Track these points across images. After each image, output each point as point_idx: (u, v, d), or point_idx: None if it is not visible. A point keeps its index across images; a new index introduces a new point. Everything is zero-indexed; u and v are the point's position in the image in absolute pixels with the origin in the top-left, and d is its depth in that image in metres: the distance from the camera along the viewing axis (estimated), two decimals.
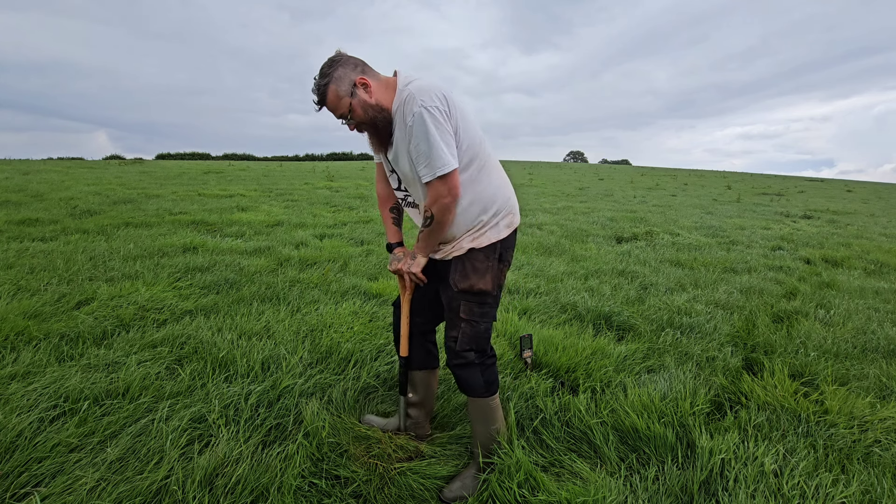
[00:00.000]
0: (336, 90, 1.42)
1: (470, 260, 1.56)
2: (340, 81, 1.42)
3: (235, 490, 1.51)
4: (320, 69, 1.44)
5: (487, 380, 1.64)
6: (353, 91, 1.43)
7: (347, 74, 1.43)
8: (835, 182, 41.31)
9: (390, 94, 1.47)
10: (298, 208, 8.40)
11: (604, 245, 6.19)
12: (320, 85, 1.42)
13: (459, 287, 1.57)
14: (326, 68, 1.43)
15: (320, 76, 1.43)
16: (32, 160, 22.59)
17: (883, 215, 12.76)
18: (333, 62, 1.43)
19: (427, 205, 1.48)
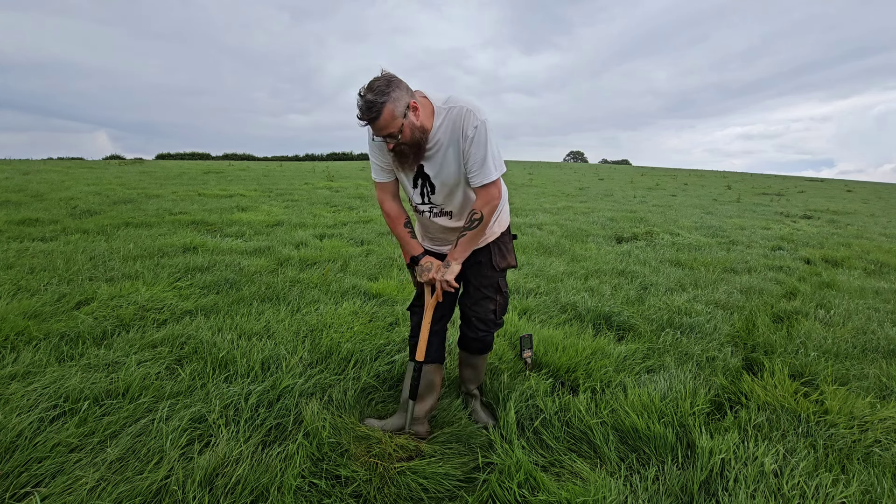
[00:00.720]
0: (393, 110, 1.47)
1: (503, 242, 1.88)
2: (398, 102, 1.48)
3: (235, 490, 1.51)
4: (374, 87, 1.47)
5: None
6: (405, 113, 1.50)
7: (403, 97, 1.49)
8: (835, 182, 41.32)
9: (429, 115, 1.58)
10: (298, 208, 8.40)
11: (604, 245, 6.19)
12: (377, 102, 1.45)
13: (500, 266, 1.86)
14: (384, 87, 1.46)
15: (376, 93, 1.45)
16: (32, 160, 22.59)
17: (883, 215, 12.76)
18: (390, 82, 1.48)
19: (477, 207, 1.66)
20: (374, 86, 1.47)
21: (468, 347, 2.00)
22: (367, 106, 1.46)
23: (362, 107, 1.47)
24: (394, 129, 1.50)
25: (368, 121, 1.49)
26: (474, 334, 1.93)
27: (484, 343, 1.97)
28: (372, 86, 1.47)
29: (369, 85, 1.48)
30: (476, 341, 1.95)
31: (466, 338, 1.98)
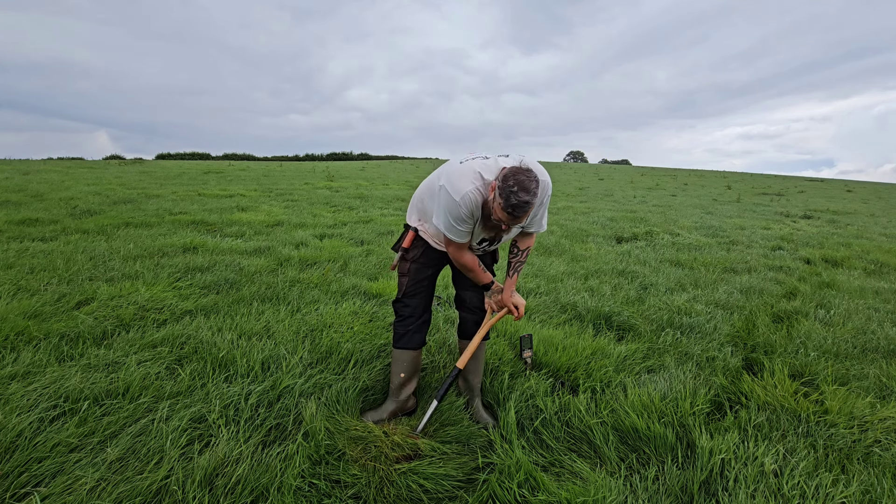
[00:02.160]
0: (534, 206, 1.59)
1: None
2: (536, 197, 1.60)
3: (235, 490, 1.51)
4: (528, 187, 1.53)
5: None
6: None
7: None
8: (835, 182, 41.31)
9: None
10: (298, 208, 8.39)
11: (604, 245, 6.19)
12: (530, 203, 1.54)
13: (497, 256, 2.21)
14: (536, 189, 1.56)
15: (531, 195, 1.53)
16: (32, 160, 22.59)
17: (883, 215, 12.76)
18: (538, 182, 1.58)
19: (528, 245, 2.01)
20: (530, 188, 1.53)
21: (470, 334, 2.13)
22: (522, 207, 1.53)
23: (517, 205, 1.52)
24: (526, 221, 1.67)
25: (515, 217, 1.56)
26: (476, 316, 2.11)
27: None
28: (527, 186, 1.52)
29: (522, 183, 1.52)
30: (477, 325, 2.11)
31: (468, 323, 2.13)
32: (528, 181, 1.53)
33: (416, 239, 2.02)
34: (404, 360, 2.03)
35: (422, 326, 2.06)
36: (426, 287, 2.04)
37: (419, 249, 2.01)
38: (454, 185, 1.66)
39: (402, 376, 2.02)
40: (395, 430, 1.85)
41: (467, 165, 1.70)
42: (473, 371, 2.13)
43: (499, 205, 1.56)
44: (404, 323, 2.03)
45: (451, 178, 1.69)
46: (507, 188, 1.52)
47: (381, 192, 11.87)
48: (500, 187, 1.55)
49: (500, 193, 1.54)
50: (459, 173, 1.68)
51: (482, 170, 1.67)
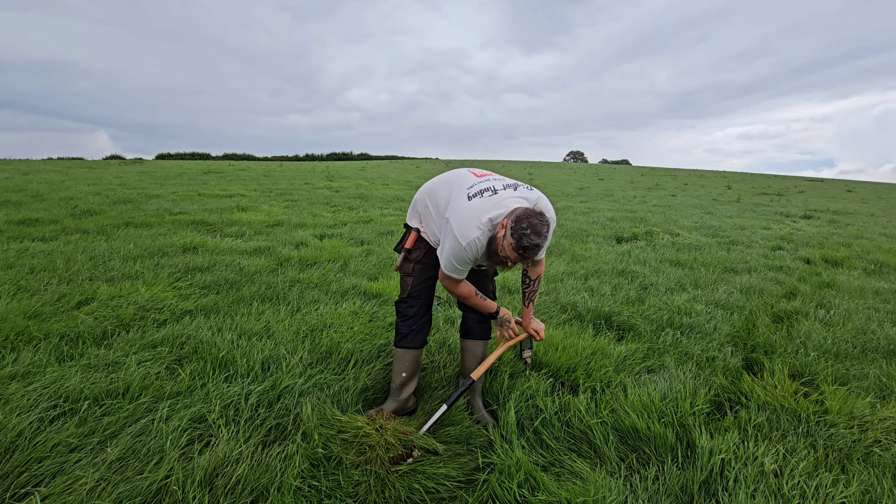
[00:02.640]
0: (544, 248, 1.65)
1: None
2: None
3: (235, 490, 1.51)
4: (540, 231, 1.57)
5: None
6: None
7: None
8: (835, 182, 41.31)
9: None
10: (298, 208, 8.40)
11: (604, 245, 6.19)
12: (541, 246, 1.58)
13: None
14: (547, 232, 1.60)
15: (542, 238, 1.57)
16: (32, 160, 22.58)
17: (883, 215, 12.76)
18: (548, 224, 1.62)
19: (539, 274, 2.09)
20: (542, 231, 1.58)
21: (473, 333, 2.15)
22: (534, 249, 1.57)
23: (530, 248, 1.57)
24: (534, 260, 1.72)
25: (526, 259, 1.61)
26: (479, 315, 2.12)
27: (487, 324, 2.17)
28: (539, 230, 1.57)
29: (534, 226, 1.56)
30: (481, 323, 2.14)
31: (472, 322, 2.15)
32: (540, 225, 1.57)
33: (419, 240, 2.03)
34: (406, 359, 2.03)
35: (424, 326, 2.07)
36: (430, 287, 2.06)
37: (422, 250, 2.03)
38: (461, 229, 1.68)
39: (404, 375, 2.03)
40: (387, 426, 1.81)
41: (475, 206, 1.70)
42: (474, 371, 2.13)
43: (510, 244, 1.59)
44: (408, 322, 2.03)
45: (459, 219, 1.71)
46: (521, 230, 1.56)
47: (381, 192, 11.87)
48: (512, 227, 1.58)
49: (511, 234, 1.57)
50: (467, 216, 1.69)
51: (490, 212, 1.69)
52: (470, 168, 1.99)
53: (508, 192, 1.76)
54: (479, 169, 1.99)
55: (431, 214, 1.95)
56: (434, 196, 1.94)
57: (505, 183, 1.83)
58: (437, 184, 1.99)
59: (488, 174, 1.92)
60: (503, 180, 1.86)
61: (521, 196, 1.75)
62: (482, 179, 1.84)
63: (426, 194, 1.99)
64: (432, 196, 1.95)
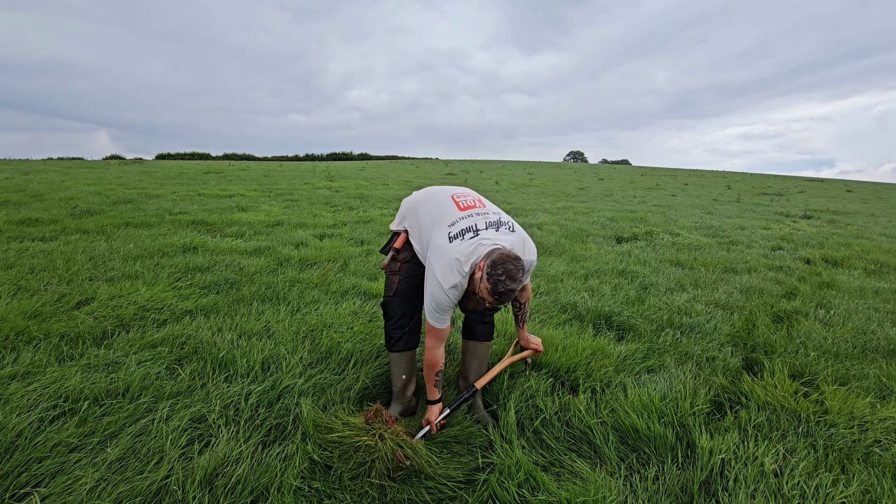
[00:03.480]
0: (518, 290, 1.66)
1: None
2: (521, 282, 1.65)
3: (235, 490, 1.51)
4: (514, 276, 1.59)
5: None
6: None
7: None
8: (835, 182, 41.30)
9: None
10: (298, 208, 8.39)
11: (604, 245, 6.19)
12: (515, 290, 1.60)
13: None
14: (521, 276, 1.62)
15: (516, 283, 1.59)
16: (32, 160, 22.59)
17: (883, 215, 12.76)
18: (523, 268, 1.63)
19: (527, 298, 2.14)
20: (516, 276, 1.59)
21: (476, 334, 2.12)
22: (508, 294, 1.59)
23: (504, 293, 1.58)
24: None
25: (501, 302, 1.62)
26: (482, 317, 2.10)
27: (491, 327, 2.15)
28: (513, 275, 1.58)
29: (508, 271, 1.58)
30: (484, 325, 2.12)
31: (474, 324, 2.11)
32: (515, 271, 1.59)
33: (408, 241, 2.03)
34: (403, 361, 2.04)
35: (415, 327, 2.06)
36: (416, 287, 2.02)
37: (409, 252, 2.03)
38: (443, 273, 1.70)
39: (404, 378, 2.04)
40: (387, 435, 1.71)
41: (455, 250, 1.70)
42: (476, 372, 2.13)
43: (486, 288, 1.61)
44: (398, 324, 2.02)
45: (440, 264, 1.71)
46: (496, 276, 1.58)
47: (381, 192, 11.87)
48: (488, 273, 1.60)
49: (487, 278, 1.60)
50: (448, 260, 1.70)
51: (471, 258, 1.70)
52: (455, 193, 1.96)
53: (490, 233, 1.76)
54: (464, 194, 1.97)
55: (416, 231, 1.97)
56: (418, 216, 1.95)
57: (488, 220, 1.81)
58: (420, 203, 1.98)
59: (472, 206, 1.89)
60: (487, 216, 1.84)
61: (500, 238, 1.76)
62: (464, 215, 1.82)
63: (411, 210, 2.01)
64: (416, 215, 1.97)
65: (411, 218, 2.01)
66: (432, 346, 1.84)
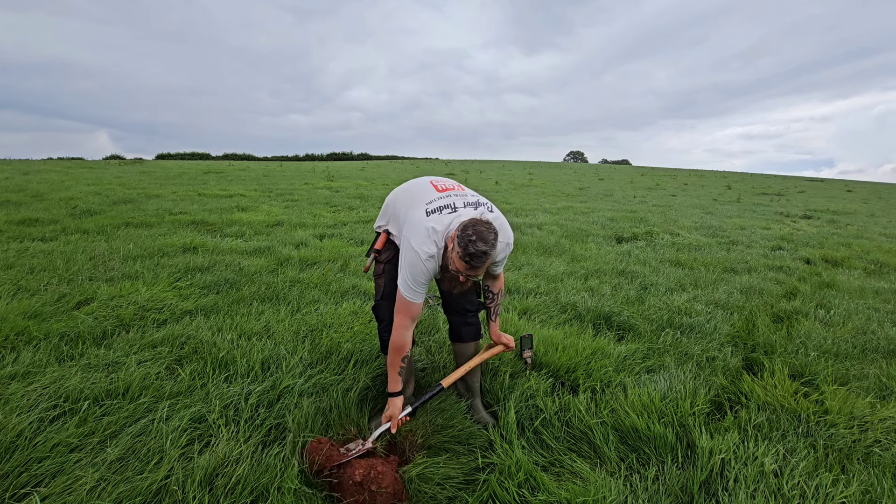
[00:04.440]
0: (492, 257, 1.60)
1: None
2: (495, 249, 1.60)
3: (235, 490, 1.51)
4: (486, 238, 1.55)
5: None
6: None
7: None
8: (835, 182, 41.29)
9: None
10: (298, 208, 8.39)
11: (604, 245, 6.19)
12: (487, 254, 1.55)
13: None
14: (494, 240, 1.57)
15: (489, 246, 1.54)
16: (32, 160, 22.58)
17: (883, 215, 12.76)
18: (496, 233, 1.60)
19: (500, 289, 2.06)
20: (489, 238, 1.55)
21: (461, 336, 2.12)
22: (480, 256, 1.54)
23: (475, 255, 1.53)
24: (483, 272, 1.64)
25: (473, 267, 1.57)
26: (464, 318, 2.09)
27: (476, 327, 2.13)
28: (485, 237, 1.54)
29: (481, 234, 1.54)
30: (468, 326, 2.10)
31: (458, 326, 2.11)
32: (486, 232, 1.55)
33: (389, 242, 2.00)
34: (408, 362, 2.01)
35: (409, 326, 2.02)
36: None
37: (391, 251, 2.00)
38: (419, 244, 1.67)
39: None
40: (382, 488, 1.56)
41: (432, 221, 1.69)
42: (471, 373, 2.12)
43: (457, 254, 1.57)
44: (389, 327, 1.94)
45: (416, 235, 1.69)
46: (466, 237, 1.54)
47: (381, 192, 11.87)
48: (458, 237, 1.57)
49: (458, 243, 1.56)
50: (424, 231, 1.68)
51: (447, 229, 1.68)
52: (434, 179, 1.94)
53: (468, 211, 1.74)
54: (443, 180, 1.95)
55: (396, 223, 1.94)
56: (396, 205, 1.92)
57: (466, 201, 1.79)
58: (400, 194, 1.96)
59: (451, 188, 1.87)
60: (465, 197, 1.82)
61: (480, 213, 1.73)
62: (443, 195, 1.81)
63: (391, 204, 1.98)
64: (395, 205, 1.94)
65: (391, 211, 1.96)
66: (401, 326, 1.76)
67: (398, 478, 1.62)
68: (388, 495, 1.55)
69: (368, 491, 1.53)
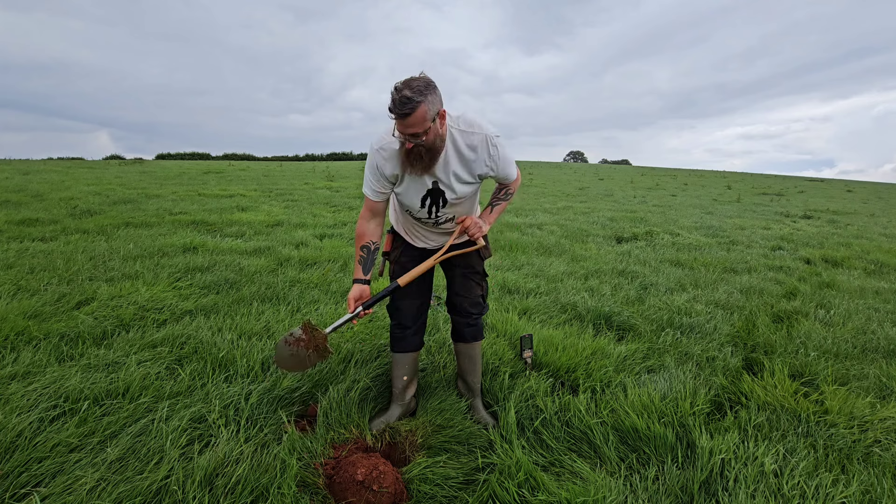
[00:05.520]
0: (426, 112, 1.50)
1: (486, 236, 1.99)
2: (431, 105, 1.51)
3: (235, 490, 1.51)
4: (412, 85, 1.47)
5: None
6: (434, 118, 1.54)
7: (436, 103, 1.53)
8: (835, 182, 41.29)
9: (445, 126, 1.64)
10: (298, 208, 8.40)
11: (604, 245, 6.19)
12: (413, 100, 1.46)
13: (485, 256, 2.05)
14: (423, 88, 1.48)
15: (414, 92, 1.46)
16: (32, 160, 22.59)
17: (883, 215, 12.76)
18: (428, 85, 1.50)
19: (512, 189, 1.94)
20: (413, 84, 1.48)
21: (464, 336, 2.09)
22: (403, 101, 1.46)
23: (398, 101, 1.47)
24: (420, 129, 1.51)
25: (400, 115, 1.49)
26: (467, 319, 2.07)
27: (477, 327, 2.10)
28: (410, 84, 1.48)
29: (407, 82, 1.48)
30: (470, 327, 2.07)
31: (461, 326, 2.09)
32: (413, 81, 1.49)
33: (394, 240, 2.03)
34: (405, 363, 2.03)
35: (419, 328, 2.05)
36: (418, 286, 1.97)
37: (398, 249, 2.01)
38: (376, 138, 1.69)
39: (405, 379, 2.03)
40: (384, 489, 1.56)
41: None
42: (471, 372, 2.13)
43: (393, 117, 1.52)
44: (401, 326, 2.02)
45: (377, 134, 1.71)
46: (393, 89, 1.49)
47: None
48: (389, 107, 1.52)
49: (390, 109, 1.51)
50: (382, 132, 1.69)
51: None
52: None
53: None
54: None
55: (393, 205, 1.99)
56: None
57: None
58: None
59: None
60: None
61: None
62: None
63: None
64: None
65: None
66: (362, 217, 1.85)
67: (399, 478, 1.63)
68: (389, 495, 1.55)
69: (370, 491, 1.53)
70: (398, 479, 1.62)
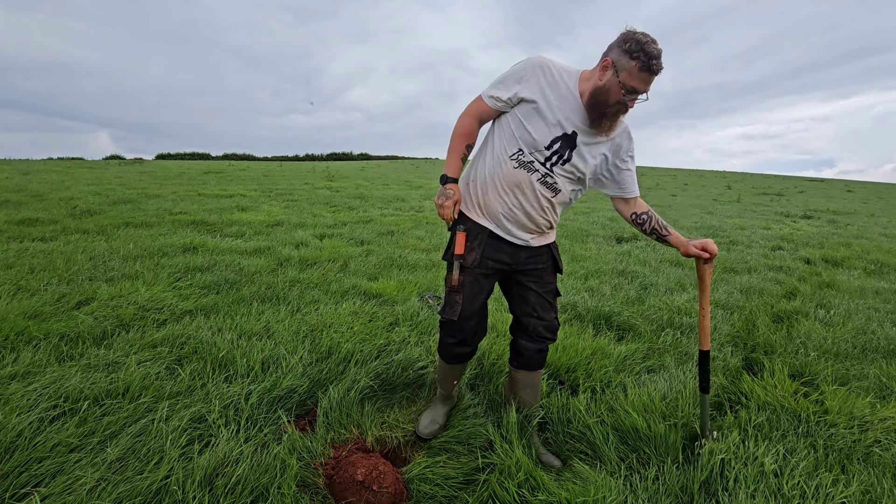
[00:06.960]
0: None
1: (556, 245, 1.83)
2: None
3: (235, 490, 1.51)
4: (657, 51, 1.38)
5: None
6: None
7: None
8: (835, 182, 41.28)
9: None
10: (298, 208, 8.39)
11: (604, 245, 6.19)
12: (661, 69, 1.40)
13: (560, 269, 1.83)
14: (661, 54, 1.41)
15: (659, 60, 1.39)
16: (32, 160, 22.58)
17: (883, 215, 12.76)
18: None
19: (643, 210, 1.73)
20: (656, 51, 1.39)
21: (531, 364, 1.85)
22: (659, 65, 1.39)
23: (656, 53, 1.37)
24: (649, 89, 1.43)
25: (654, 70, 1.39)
26: (539, 345, 1.83)
27: (546, 355, 1.89)
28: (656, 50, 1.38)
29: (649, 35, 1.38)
30: (541, 353, 1.84)
31: (530, 352, 1.83)
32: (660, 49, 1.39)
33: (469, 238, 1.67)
34: (460, 371, 1.98)
35: (481, 337, 1.90)
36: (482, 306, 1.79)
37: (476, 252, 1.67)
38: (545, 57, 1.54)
39: (455, 383, 2.01)
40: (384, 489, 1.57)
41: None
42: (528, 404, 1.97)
43: (634, 66, 1.37)
44: (461, 343, 1.83)
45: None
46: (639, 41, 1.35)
47: (381, 192, 11.87)
48: (625, 50, 1.38)
49: (630, 55, 1.37)
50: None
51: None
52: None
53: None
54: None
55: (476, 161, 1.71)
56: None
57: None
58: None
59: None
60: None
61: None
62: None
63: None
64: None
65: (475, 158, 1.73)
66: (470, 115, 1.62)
67: (399, 478, 1.63)
68: (389, 495, 1.55)
69: (370, 491, 1.53)
70: (398, 479, 1.62)
